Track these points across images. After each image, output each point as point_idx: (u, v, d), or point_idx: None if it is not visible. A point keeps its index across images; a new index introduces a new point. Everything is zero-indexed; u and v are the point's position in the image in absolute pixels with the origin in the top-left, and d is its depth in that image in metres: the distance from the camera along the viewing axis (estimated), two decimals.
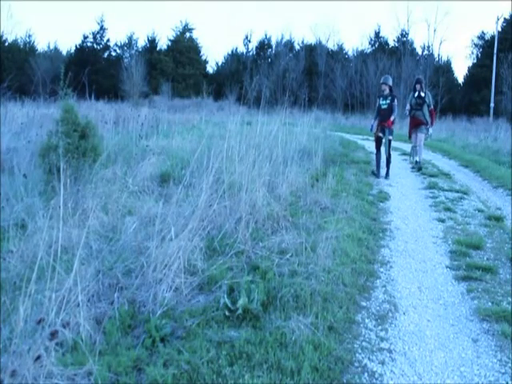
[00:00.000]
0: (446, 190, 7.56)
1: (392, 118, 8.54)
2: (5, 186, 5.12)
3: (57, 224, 3.07)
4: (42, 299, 2.53)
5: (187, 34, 47.40)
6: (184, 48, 45.32)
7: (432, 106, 9.59)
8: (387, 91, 8.70)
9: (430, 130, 9.71)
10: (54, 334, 2.24)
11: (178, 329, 2.77)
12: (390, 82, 8.82)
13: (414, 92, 9.60)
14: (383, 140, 8.59)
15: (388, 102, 8.59)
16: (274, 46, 48.00)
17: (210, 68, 49.23)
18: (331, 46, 47.11)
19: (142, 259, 3.30)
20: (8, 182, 5.37)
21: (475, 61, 42.10)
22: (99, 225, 4.36)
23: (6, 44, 43.25)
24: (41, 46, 46.93)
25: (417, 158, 9.71)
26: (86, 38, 45.00)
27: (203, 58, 48.24)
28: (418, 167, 9.61)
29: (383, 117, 8.57)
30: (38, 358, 2.13)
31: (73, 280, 2.68)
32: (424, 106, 9.44)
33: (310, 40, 48.50)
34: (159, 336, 2.62)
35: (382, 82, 8.91)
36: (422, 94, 9.45)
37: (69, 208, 4.39)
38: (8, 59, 40.46)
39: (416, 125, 9.63)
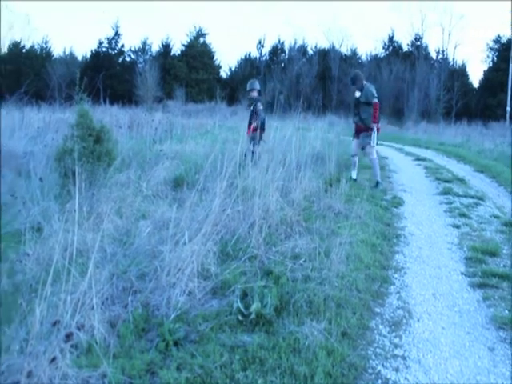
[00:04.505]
0: (461, 196, 7.48)
1: (254, 125, 7.47)
2: (21, 190, 5.20)
3: (72, 227, 3.11)
4: (58, 302, 2.56)
5: (201, 39, 47.72)
6: (197, 53, 45.60)
7: (375, 99, 7.53)
8: (255, 96, 7.87)
9: (374, 130, 7.62)
10: (69, 336, 2.26)
11: (191, 333, 2.78)
12: (257, 86, 7.92)
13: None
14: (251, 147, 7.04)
15: (251, 108, 7.83)
16: (287, 51, 48.10)
17: (224, 73, 49.48)
18: (345, 50, 47.07)
19: (155, 263, 3.32)
20: (25, 185, 5.45)
21: (491, 65, 41.71)
22: (113, 228, 4.40)
23: (24, 50, 43.97)
24: (57, 51, 47.40)
25: (378, 179, 7.83)
26: (101, 43, 45.58)
27: (216, 62, 48.49)
28: (379, 188, 7.60)
29: (248, 124, 7.80)
30: (54, 359, 2.15)
31: (87, 283, 2.70)
32: (360, 106, 7.64)
33: (324, 44, 48.56)
34: (173, 340, 2.63)
35: (248, 89, 8.00)
36: (357, 95, 7.68)
37: (84, 212, 4.44)
38: (26, 65, 41.14)
39: (357, 132, 7.91)
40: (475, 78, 55.60)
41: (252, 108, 7.82)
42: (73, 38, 70.81)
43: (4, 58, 42.33)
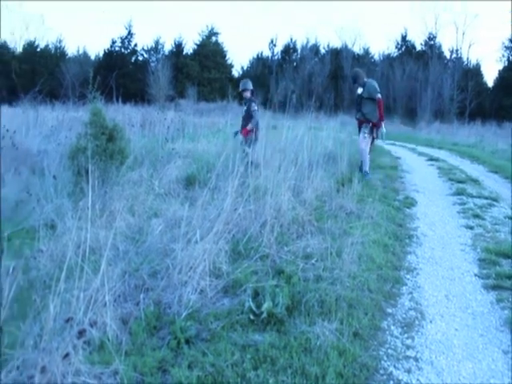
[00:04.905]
0: (475, 197, 7.39)
1: (249, 127, 7.47)
2: (36, 187, 5.26)
3: (85, 225, 3.14)
4: (71, 298, 2.59)
5: (213, 39, 47.83)
6: (210, 52, 45.71)
7: (378, 95, 7.68)
8: (248, 96, 7.77)
9: (383, 128, 7.82)
10: (81, 333, 2.28)
11: (202, 331, 2.78)
12: (250, 86, 7.80)
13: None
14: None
15: (245, 108, 7.71)
16: (299, 50, 48.00)
17: (236, 72, 49.52)
18: (357, 49, 46.86)
19: (167, 261, 3.34)
20: (39, 183, 5.51)
21: (506, 64, 41.19)
22: (126, 226, 4.43)
23: (38, 50, 44.44)
24: (70, 50, 47.97)
25: (366, 169, 7.90)
26: (114, 42, 45.90)
27: (229, 62, 48.57)
28: (366, 178, 7.61)
29: (242, 125, 7.72)
30: (67, 355, 2.17)
31: (100, 280, 2.73)
32: (363, 102, 7.82)
33: (336, 44, 48.32)
34: (184, 338, 2.64)
35: (240, 89, 7.91)
36: (359, 91, 7.89)
37: (96, 209, 4.46)
38: (40, 64, 41.59)
39: (359, 127, 8.10)
40: (490, 77, 54.88)
41: (246, 109, 7.70)
42: (86, 37, 71.48)
43: (19, 57, 42.84)
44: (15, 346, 2.27)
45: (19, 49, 44.71)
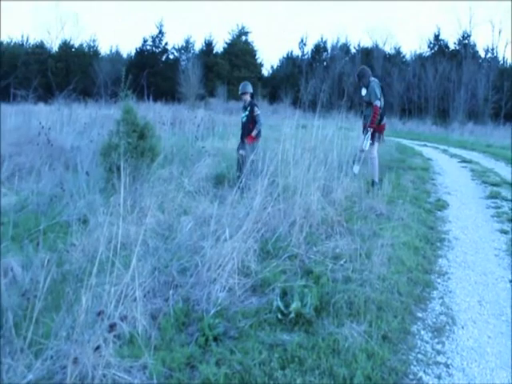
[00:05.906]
0: (510, 200, 7.17)
1: (254, 133, 7.15)
2: (69, 183, 5.39)
3: (116, 221, 3.19)
4: (102, 292, 2.64)
5: (243, 38, 47.98)
6: (240, 51, 45.90)
7: (376, 102, 7.08)
8: (248, 100, 7.38)
9: (368, 134, 7.26)
10: (112, 327, 2.32)
11: (230, 329, 2.80)
12: (250, 89, 7.46)
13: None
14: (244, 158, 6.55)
15: (247, 113, 7.27)
16: (329, 50, 47.64)
17: (266, 71, 49.59)
18: (388, 49, 46.14)
19: (196, 258, 3.36)
20: (72, 178, 5.64)
21: None
22: (156, 223, 4.49)
23: (73, 49, 45.50)
24: (103, 50, 48.96)
25: (375, 179, 7.18)
26: (145, 41, 46.60)
27: (258, 61, 48.64)
28: (375, 188, 6.65)
29: (243, 131, 7.34)
30: (98, 348, 2.22)
31: (130, 275, 2.76)
32: (364, 105, 7.49)
33: (367, 43, 47.71)
34: (212, 335, 2.65)
35: (240, 92, 7.50)
36: (363, 93, 7.45)
37: (127, 206, 4.54)
38: (74, 63, 42.62)
39: (363, 129, 7.58)
40: None
41: (248, 113, 7.30)
42: (119, 36, 72.75)
43: (55, 56, 43.96)
44: (49, 336, 2.33)
45: (55, 48, 45.89)
